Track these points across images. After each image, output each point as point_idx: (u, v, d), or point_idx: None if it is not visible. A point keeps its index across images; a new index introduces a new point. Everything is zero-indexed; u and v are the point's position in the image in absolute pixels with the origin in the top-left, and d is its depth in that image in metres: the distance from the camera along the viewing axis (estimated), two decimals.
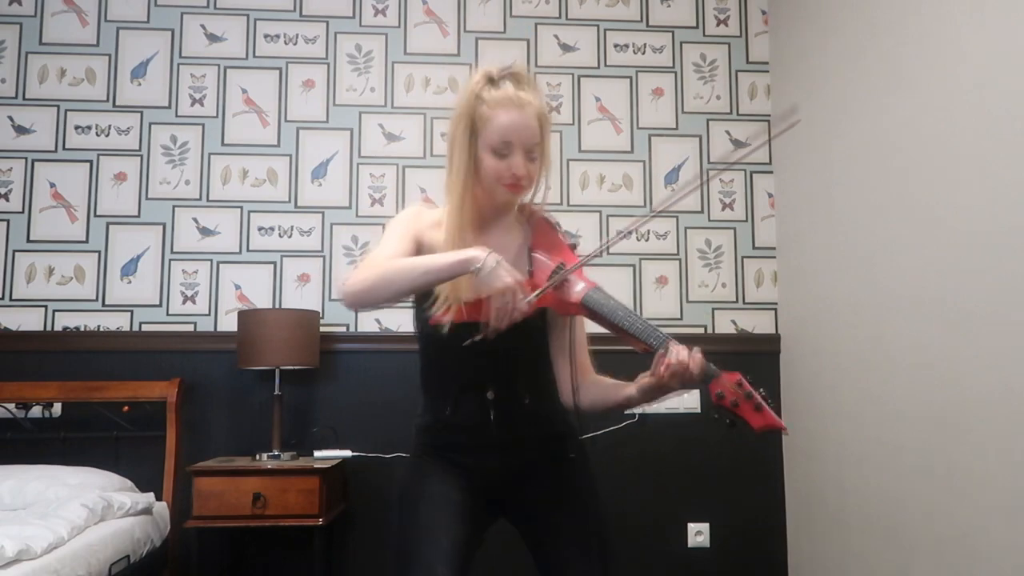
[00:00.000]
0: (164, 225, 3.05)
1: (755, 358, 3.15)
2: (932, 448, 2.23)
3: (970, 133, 2.09)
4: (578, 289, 1.46)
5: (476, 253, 1.34)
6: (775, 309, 3.21)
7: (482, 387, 1.53)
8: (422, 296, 1.51)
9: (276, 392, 2.79)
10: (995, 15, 2.01)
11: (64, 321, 2.97)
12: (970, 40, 2.11)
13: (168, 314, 3.01)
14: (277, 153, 3.12)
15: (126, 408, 2.87)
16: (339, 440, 2.91)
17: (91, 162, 3.05)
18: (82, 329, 2.97)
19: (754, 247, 3.24)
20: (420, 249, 1.54)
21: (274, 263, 3.07)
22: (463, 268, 1.34)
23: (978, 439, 2.04)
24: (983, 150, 2.04)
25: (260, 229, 3.08)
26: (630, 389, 1.52)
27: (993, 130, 2.01)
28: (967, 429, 2.09)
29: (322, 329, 2.93)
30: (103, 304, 2.99)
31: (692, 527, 3.07)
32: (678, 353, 1.39)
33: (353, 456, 2.86)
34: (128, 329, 2.98)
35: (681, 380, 1.39)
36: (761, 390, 1.37)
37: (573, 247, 1.56)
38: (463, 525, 1.48)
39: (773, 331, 3.19)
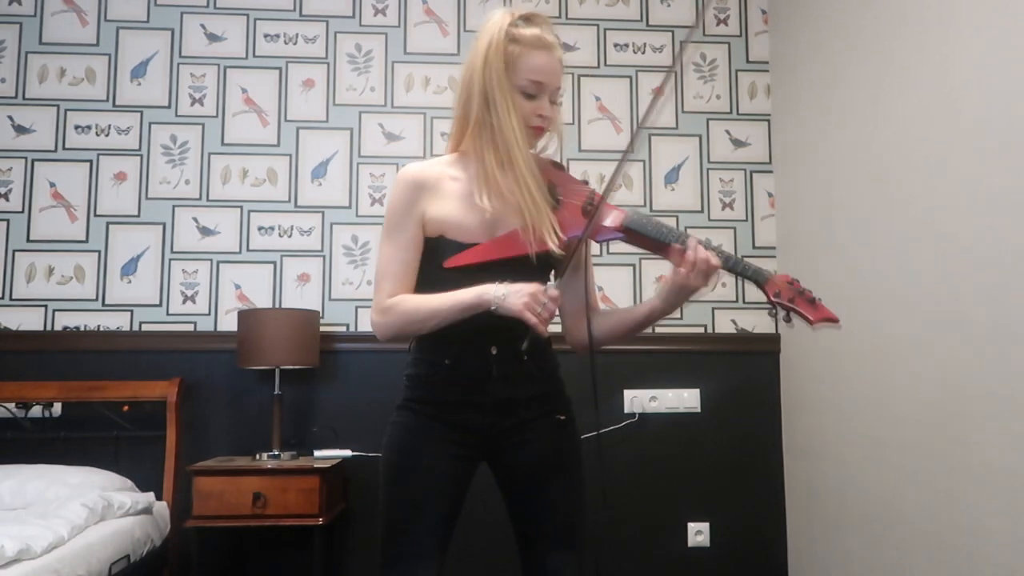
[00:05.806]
0: (164, 225, 3.05)
1: (755, 358, 3.15)
2: (932, 448, 2.23)
3: (970, 133, 2.09)
4: (613, 215, 1.51)
5: (486, 296, 1.41)
6: None
7: (485, 340, 1.51)
8: (431, 244, 1.52)
9: (276, 392, 2.79)
10: (995, 14, 2.02)
11: (64, 321, 2.97)
12: (970, 39, 2.11)
13: (168, 314, 3.01)
14: (277, 153, 3.12)
15: (126, 408, 2.87)
16: (339, 440, 2.91)
17: (91, 162, 3.05)
18: (82, 329, 2.97)
19: (754, 247, 3.24)
20: (426, 227, 1.52)
21: (274, 263, 3.07)
22: (479, 309, 1.42)
23: (977, 439, 2.04)
24: (983, 150, 2.04)
25: (260, 229, 3.08)
26: (651, 303, 1.51)
27: (994, 130, 2.01)
28: (966, 429, 2.09)
29: (322, 329, 2.92)
30: (103, 304, 2.99)
31: (692, 527, 3.07)
32: (698, 250, 1.43)
33: (353, 456, 2.86)
34: (128, 329, 2.98)
35: (706, 276, 1.43)
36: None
37: (585, 183, 1.60)
38: (450, 498, 1.52)
39: (773, 331, 3.19)
